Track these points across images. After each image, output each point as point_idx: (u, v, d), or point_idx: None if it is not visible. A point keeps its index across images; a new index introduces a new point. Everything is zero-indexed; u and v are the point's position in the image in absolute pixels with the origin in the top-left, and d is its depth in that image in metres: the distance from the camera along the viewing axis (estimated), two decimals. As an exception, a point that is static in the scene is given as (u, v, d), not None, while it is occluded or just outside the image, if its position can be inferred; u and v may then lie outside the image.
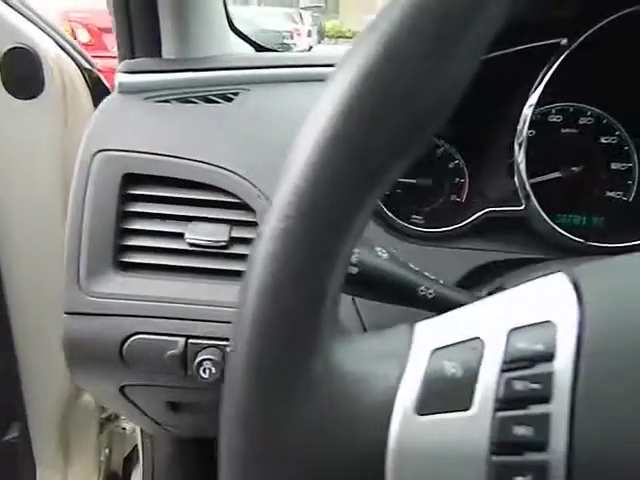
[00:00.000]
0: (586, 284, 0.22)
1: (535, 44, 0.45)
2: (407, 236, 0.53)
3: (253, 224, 0.53)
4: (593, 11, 0.43)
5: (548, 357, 0.20)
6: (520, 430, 0.20)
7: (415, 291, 0.38)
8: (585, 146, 0.61)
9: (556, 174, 0.60)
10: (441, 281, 0.40)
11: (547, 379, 0.20)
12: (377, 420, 0.21)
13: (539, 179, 0.60)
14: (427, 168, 0.61)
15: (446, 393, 0.21)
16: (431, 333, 0.23)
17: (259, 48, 0.95)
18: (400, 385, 0.21)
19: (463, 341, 0.22)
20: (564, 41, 0.45)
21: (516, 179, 0.51)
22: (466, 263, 0.52)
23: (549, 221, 0.50)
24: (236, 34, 0.90)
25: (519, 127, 0.49)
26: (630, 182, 0.60)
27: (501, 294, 0.24)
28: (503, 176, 0.53)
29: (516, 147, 0.50)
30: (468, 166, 0.61)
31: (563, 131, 0.61)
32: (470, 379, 0.21)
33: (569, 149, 0.61)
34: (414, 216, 0.62)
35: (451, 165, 0.61)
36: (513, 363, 0.20)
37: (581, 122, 0.61)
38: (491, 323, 0.22)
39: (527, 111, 0.48)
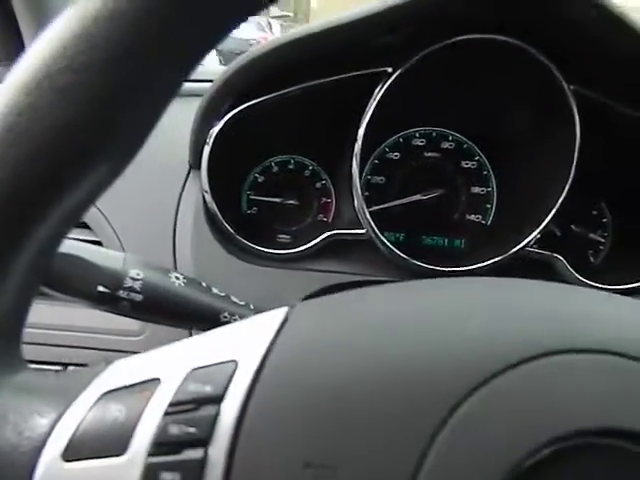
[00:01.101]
0: (292, 320, 0.22)
1: (362, 72, 0.46)
2: (256, 257, 0.53)
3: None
4: (417, 40, 0.44)
5: (215, 399, 0.20)
6: (168, 476, 0.19)
7: (217, 317, 0.38)
8: (447, 170, 0.62)
9: (418, 197, 0.61)
10: (251, 306, 0.40)
11: (207, 422, 0.19)
12: (20, 466, 0.20)
13: (402, 201, 0.62)
14: (294, 188, 0.62)
15: (102, 438, 0.20)
16: (115, 373, 0.22)
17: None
18: (54, 429, 0.20)
19: (137, 383, 0.21)
20: (389, 69, 0.46)
21: (355, 203, 0.51)
22: (312, 284, 0.52)
23: (389, 245, 0.51)
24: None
25: (355, 153, 0.49)
26: (488, 206, 0.62)
27: (215, 329, 0.24)
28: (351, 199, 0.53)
29: (354, 172, 0.50)
30: (335, 186, 0.62)
31: (426, 154, 0.62)
32: (131, 423, 0.20)
33: (432, 172, 0.62)
34: (280, 236, 0.62)
35: (318, 185, 0.62)
36: (178, 406, 0.20)
37: (443, 146, 0.62)
38: (175, 362, 0.22)
39: (360, 138, 0.48)
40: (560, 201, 0.49)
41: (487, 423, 0.19)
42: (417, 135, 0.62)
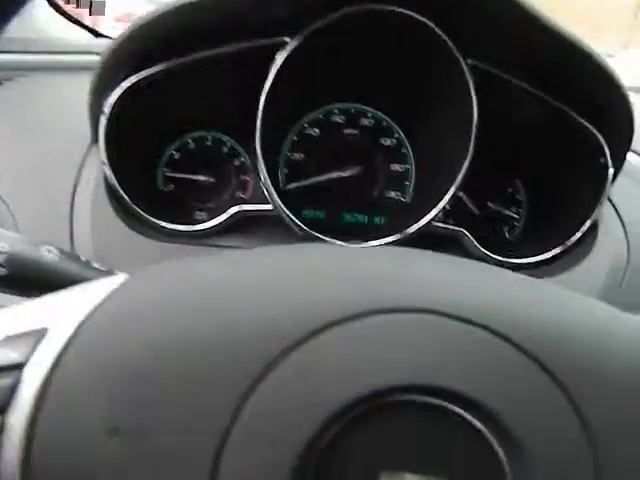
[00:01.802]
0: (122, 286, 0.22)
1: (259, 42, 0.45)
2: (159, 233, 0.51)
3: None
4: (315, 11, 0.44)
5: (17, 366, 0.19)
6: None
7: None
8: (366, 147, 0.62)
9: (337, 174, 0.61)
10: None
11: (5, 390, 0.19)
12: None
13: (321, 178, 0.61)
14: (212, 165, 0.61)
15: None
16: None
17: (97, 34, 0.91)
18: None
19: None
20: (287, 39, 0.45)
21: (261, 179, 0.51)
22: None
23: (297, 222, 0.51)
24: (67, 18, 0.86)
25: (257, 127, 0.48)
26: (407, 183, 0.62)
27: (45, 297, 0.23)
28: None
29: (257, 147, 0.49)
30: (253, 164, 0.61)
31: (346, 131, 0.62)
32: None
33: (351, 149, 0.62)
34: (198, 213, 0.61)
35: (236, 162, 0.61)
36: None
37: (362, 123, 0.62)
38: None
39: (260, 112, 0.48)
40: (460, 176, 0.49)
41: (300, 382, 0.19)
42: (336, 111, 0.62)
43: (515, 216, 0.63)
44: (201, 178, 0.60)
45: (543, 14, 0.40)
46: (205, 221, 0.56)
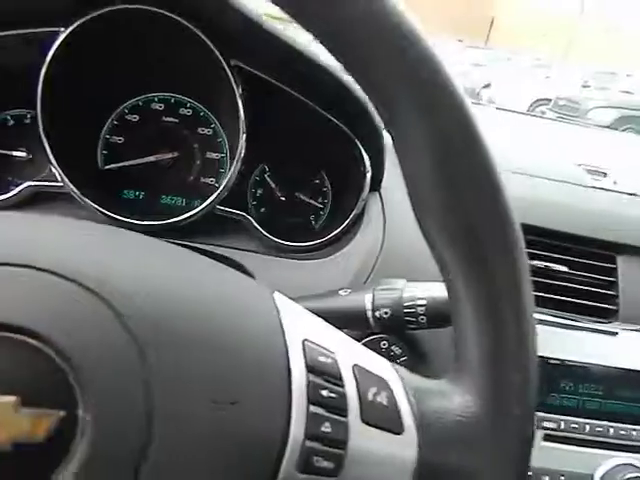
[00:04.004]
0: None
1: (38, 30, 0.49)
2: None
3: None
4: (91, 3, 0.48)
5: None
6: None
7: None
8: (183, 134, 0.67)
9: (153, 158, 0.66)
10: None
11: None
12: None
13: (138, 161, 0.66)
14: (25, 139, 0.63)
15: None
16: None
17: None
18: None
19: None
20: (62, 29, 0.49)
21: (49, 157, 0.54)
22: None
23: (85, 199, 0.55)
24: None
25: (37, 114, 0.52)
26: (222, 170, 0.67)
27: None
28: None
29: (40, 130, 0.53)
30: None
31: (165, 119, 0.66)
32: None
33: (169, 135, 0.66)
34: (11, 187, 0.64)
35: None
36: None
37: (181, 112, 0.67)
38: None
39: (39, 98, 0.51)
40: (235, 164, 0.55)
41: None
42: (156, 100, 0.66)
43: (320, 206, 0.69)
44: (15, 153, 0.63)
45: (268, 23, 0.45)
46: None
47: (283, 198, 0.68)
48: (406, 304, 0.43)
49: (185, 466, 0.23)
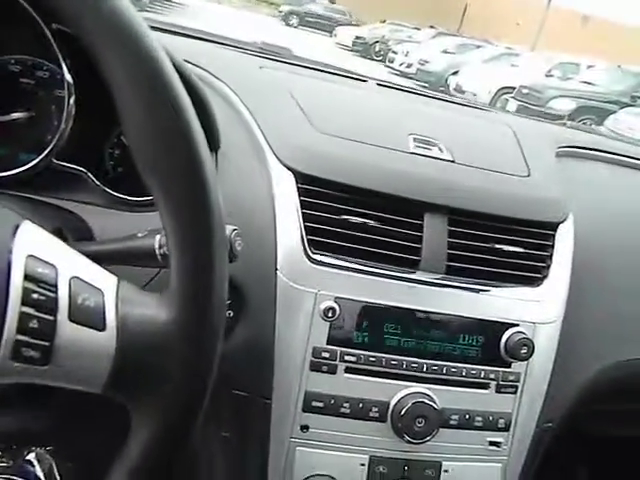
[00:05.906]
0: None
1: None
2: None
3: None
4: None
5: None
6: None
7: None
8: (39, 95, 0.71)
9: (9, 116, 0.70)
10: None
11: None
12: None
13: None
14: None
15: None
16: None
17: None
18: None
19: None
20: None
21: None
22: None
23: None
24: None
25: None
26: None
27: None
28: None
29: None
30: None
31: (22, 80, 0.70)
32: None
33: (25, 96, 0.70)
34: None
35: None
36: None
37: (38, 74, 0.71)
38: None
39: None
40: (64, 121, 0.60)
41: None
42: (12, 62, 0.70)
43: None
44: None
45: None
46: None
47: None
48: None
49: None
